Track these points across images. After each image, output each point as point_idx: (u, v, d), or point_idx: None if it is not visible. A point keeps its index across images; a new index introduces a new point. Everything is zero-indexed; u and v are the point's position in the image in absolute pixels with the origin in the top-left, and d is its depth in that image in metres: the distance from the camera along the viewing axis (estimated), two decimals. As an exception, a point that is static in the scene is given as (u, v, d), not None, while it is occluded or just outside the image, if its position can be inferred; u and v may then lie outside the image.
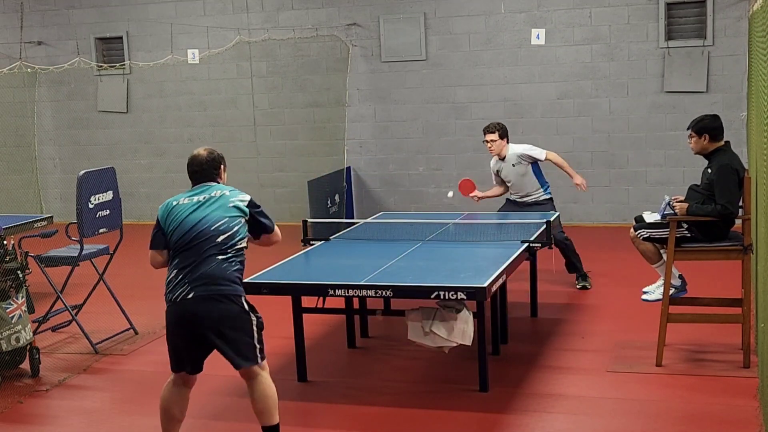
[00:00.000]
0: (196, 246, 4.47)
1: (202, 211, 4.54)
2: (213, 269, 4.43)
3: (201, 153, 4.74)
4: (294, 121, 11.82)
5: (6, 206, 11.04)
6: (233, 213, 4.55)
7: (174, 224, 4.55)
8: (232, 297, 4.46)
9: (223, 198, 4.59)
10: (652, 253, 6.50)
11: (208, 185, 4.68)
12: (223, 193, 4.61)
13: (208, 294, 4.41)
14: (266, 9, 11.63)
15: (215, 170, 4.74)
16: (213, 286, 4.42)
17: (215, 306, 4.41)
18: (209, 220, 4.50)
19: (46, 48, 12.55)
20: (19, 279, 6.01)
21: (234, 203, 4.58)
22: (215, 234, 4.48)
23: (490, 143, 7.89)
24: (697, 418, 4.98)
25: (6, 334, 5.89)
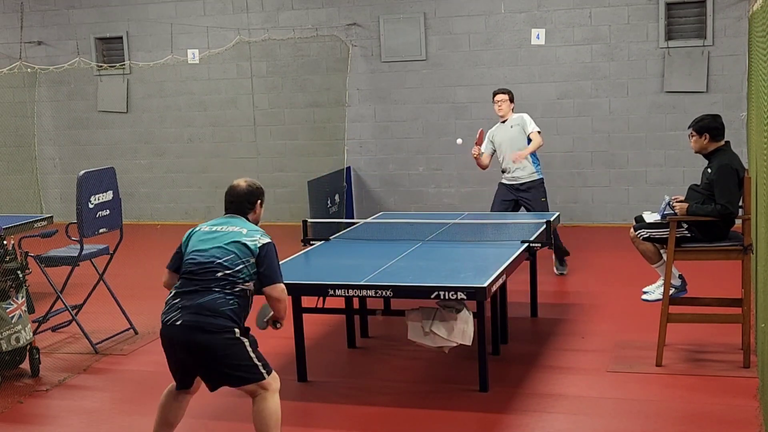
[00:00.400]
0: (197, 275, 4.40)
1: (212, 241, 4.46)
2: (207, 301, 4.32)
3: (240, 184, 4.64)
4: (294, 121, 11.82)
5: (6, 206, 11.05)
6: (241, 251, 4.40)
7: (189, 248, 4.51)
8: (220, 329, 4.30)
9: (236, 234, 4.46)
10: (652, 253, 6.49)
11: (234, 218, 4.59)
12: (239, 230, 4.48)
13: (195, 323, 4.29)
14: (266, 9, 11.63)
15: (250, 204, 4.64)
16: (201, 317, 4.30)
17: (201, 336, 4.29)
18: (215, 252, 4.40)
19: (46, 48, 12.55)
20: (19, 279, 6.01)
21: (245, 242, 4.42)
22: (217, 269, 4.37)
23: (500, 103, 8.34)
24: (697, 418, 4.98)
25: (6, 334, 5.89)
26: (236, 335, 4.35)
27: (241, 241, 4.42)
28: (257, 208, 4.68)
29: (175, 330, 4.34)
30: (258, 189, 4.68)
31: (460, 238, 6.71)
